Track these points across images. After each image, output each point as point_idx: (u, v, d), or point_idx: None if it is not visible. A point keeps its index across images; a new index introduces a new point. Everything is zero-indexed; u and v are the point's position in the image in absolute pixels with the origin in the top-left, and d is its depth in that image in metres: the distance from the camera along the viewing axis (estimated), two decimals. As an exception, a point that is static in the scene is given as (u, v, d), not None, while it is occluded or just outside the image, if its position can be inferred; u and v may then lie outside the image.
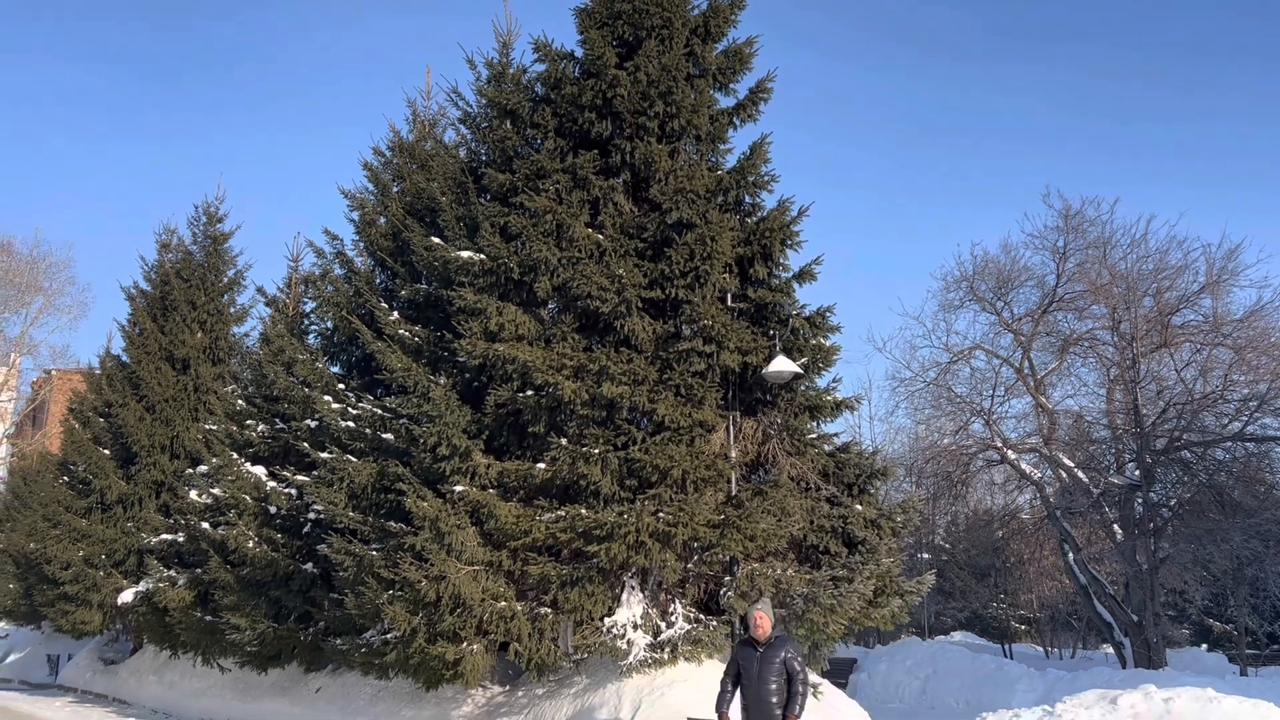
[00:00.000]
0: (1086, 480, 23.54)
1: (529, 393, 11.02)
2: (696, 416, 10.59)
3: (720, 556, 10.34)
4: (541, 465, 10.93)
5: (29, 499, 33.54)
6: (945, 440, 25.93)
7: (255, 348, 23.33)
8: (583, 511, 10.15)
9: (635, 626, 10.45)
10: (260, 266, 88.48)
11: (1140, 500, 22.25)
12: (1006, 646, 31.80)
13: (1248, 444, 21.28)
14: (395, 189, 17.08)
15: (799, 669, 7.51)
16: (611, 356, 10.72)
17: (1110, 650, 30.50)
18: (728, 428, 11.03)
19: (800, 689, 7.48)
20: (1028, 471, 24.79)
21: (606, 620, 10.48)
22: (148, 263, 25.11)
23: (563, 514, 10.39)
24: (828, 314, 11.20)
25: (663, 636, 10.41)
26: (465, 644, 10.19)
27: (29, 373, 49.92)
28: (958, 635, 36.45)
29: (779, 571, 10.39)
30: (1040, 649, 34.54)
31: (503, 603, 10.19)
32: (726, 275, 11.26)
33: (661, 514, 9.99)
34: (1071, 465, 23.87)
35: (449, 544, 10.33)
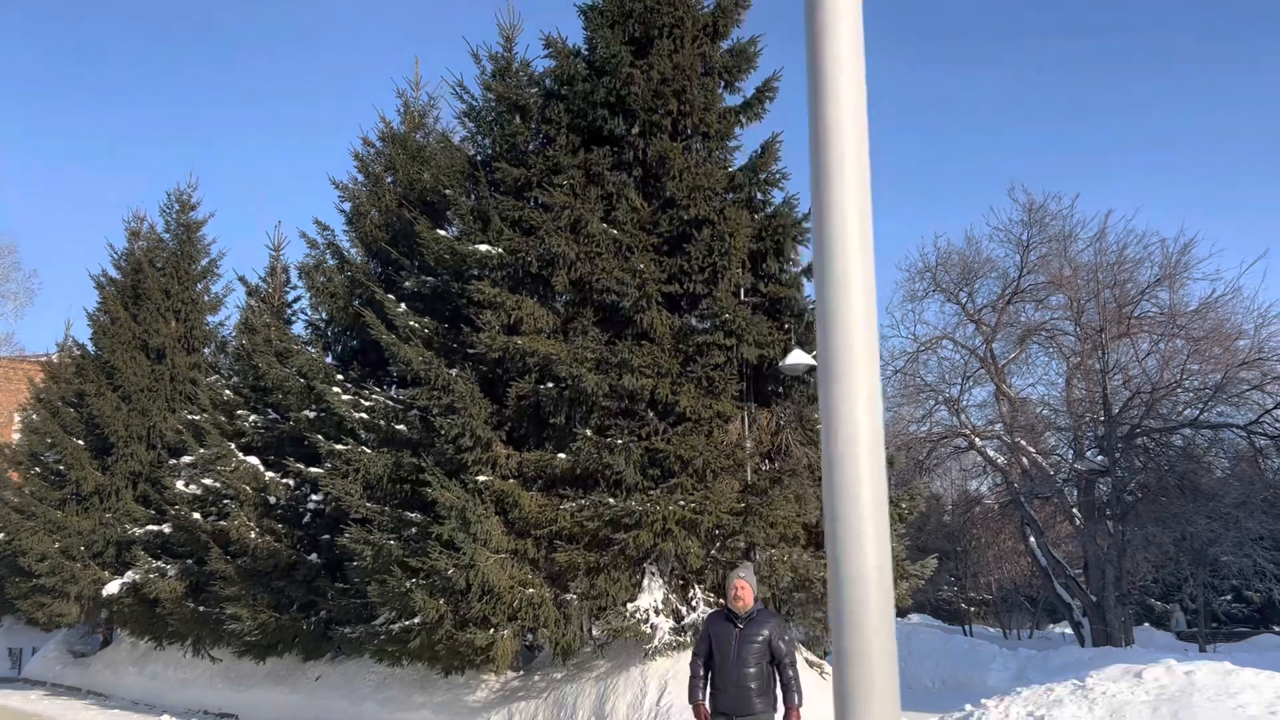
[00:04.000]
0: (1047, 466, 24.44)
1: (549, 385, 11.27)
2: (716, 408, 10.94)
3: (741, 543, 10.72)
4: (563, 455, 11.21)
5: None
6: (914, 428, 26.67)
7: (231, 337, 23.18)
8: (609, 500, 10.46)
9: (657, 611, 10.78)
10: (230, 255, 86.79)
11: (1104, 485, 23.16)
12: (967, 628, 32.78)
13: (1204, 430, 22.31)
14: (389, 180, 17.13)
15: (785, 650, 6.52)
16: (633, 349, 11.01)
17: (1066, 630, 31.65)
18: (743, 418, 11.40)
19: (793, 673, 6.50)
20: (992, 457, 25.65)
21: (629, 606, 10.80)
22: (116, 250, 24.71)
23: (586, 503, 10.69)
24: (840, 309, 11.60)
25: (685, 621, 10.77)
26: (495, 629, 10.44)
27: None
28: (915, 618, 37.45)
29: (795, 557, 10.81)
30: (995, 630, 35.64)
31: (531, 589, 10.47)
32: (740, 270, 11.61)
33: (686, 502, 10.33)
34: (1033, 451, 24.75)
35: (474, 533, 10.56)
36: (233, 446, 16.03)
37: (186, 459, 18.72)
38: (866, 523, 0.92)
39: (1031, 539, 25.01)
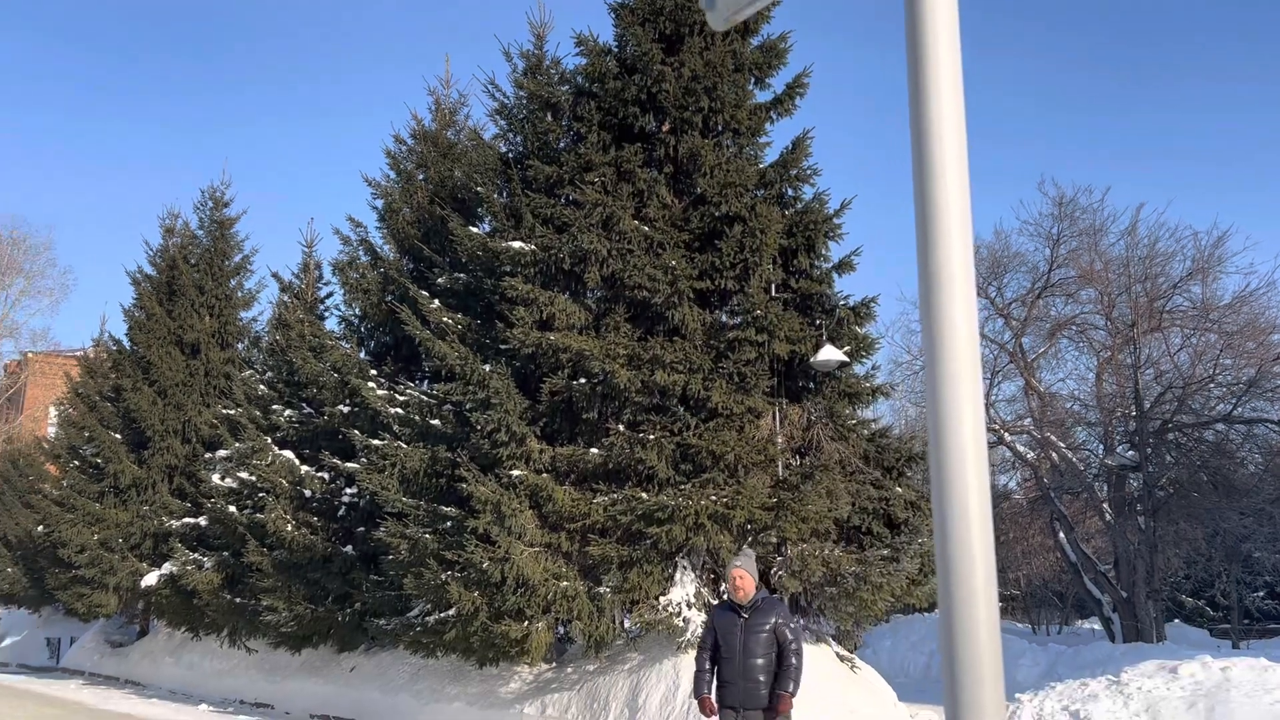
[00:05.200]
0: (1076, 461, 24.32)
1: (582, 380, 11.39)
2: (748, 403, 11.02)
3: (773, 538, 10.80)
4: (595, 450, 11.33)
5: (18, 482, 33.45)
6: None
7: (264, 332, 23.47)
8: (642, 495, 10.56)
9: (689, 605, 10.88)
10: (262, 251, 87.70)
11: (1135, 480, 23.04)
12: (995, 623, 32.66)
13: (1237, 426, 22.13)
14: (420, 177, 17.30)
15: (791, 638, 6.28)
16: (665, 346, 11.11)
17: (1095, 626, 31.48)
18: (774, 414, 11.47)
19: (794, 661, 6.24)
20: (1022, 452, 25.54)
21: (662, 599, 10.91)
22: (151, 247, 25.09)
23: (619, 497, 10.80)
24: (871, 304, 11.67)
25: (717, 614, 10.85)
26: (530, 622, 10.59)
27: (3, 356, 49.30)
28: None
29: (826, 551, 10.87)
30: (1024, 625, 35.50)
31: (565, 582, 10.60)
32: (771, 266, 11.68)
33: (719, 497, 10.42)
34: (1063, 446, 24.63)
35: (509, 526, 10.70)
36: (268, 441, 16.27)
37: (221, 453, 19.01)
38: (974, 531, 1.00)
39: (1061, 534, 24.90)
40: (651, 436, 10.87)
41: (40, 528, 23.59)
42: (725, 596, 6.60)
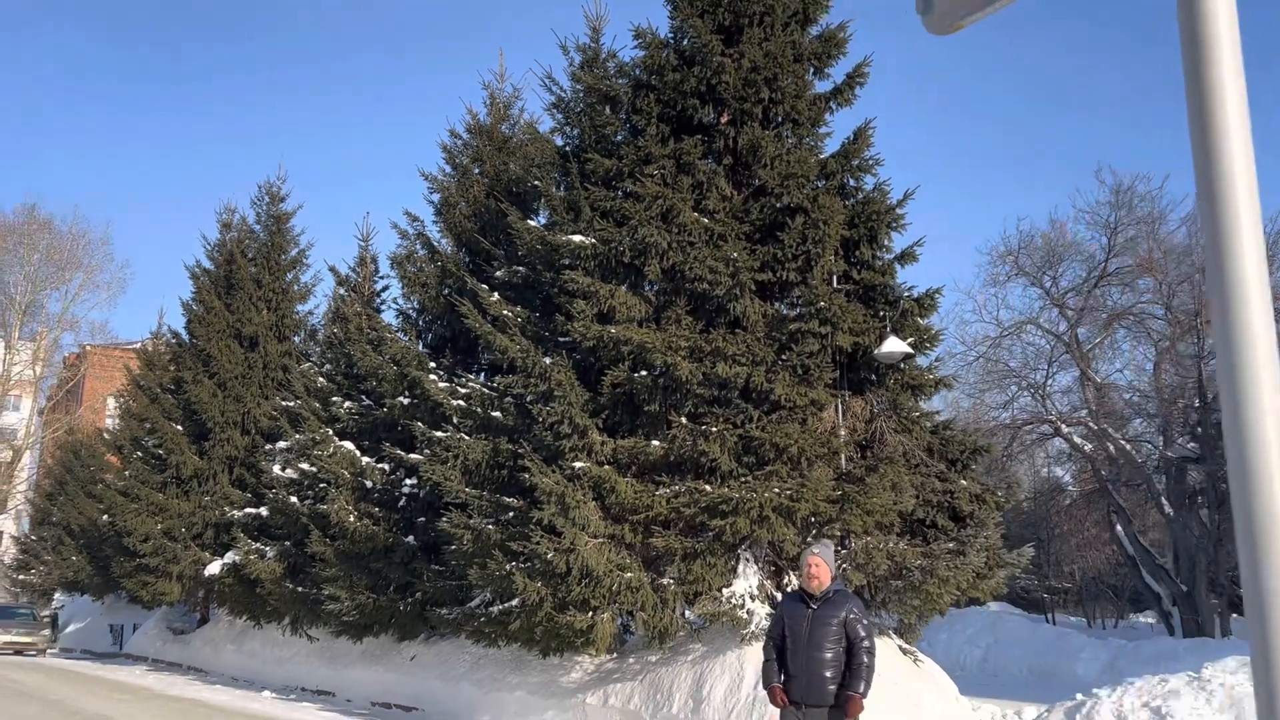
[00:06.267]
0: (1134, 452, 23.95)
1: (643, 373, 11.42)
2: (811, 395, 10.98)
3: (837, 531, 10.77)
4: (656, 443, 11.36)
5: (80, 473, 34.28)
6: (994, 413, 26.34)
7: (320, 325, 23.81)
8: (706, 488, 10.58)
9: (752, 597, 10.89)
10: (317, 245, 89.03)
11: (1197, 472, 22.65)
12: (1050, 616, 32.31)
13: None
14: (476, 171, 17.43)
15: (863, 634, 5.96)
16: (726, 338, 11.11)
17: (1151, 620, 31.00)
18: (837, 406, 11.43)
19: (865, 659, 5.92)
20: (1079, 444, 25.21)
21: (725, 591, 10.93)
22: (209, 241, 25.56)
23: (682, 489, 10.83)
24: (935, 295, 11.56)
25: (781, 606, 10.85)
26: (596, 612, 10.66)
27: (62, 349, 50.43)
28: (995, 606, 37.03)
29: (891, 544, 10.82)
30: (1078, 619, 35.06)
31: (629, 573, 10.65)
32: (833, 257, 11.62)
33: (782, 489, 10.41)
34: (1119, 438, 24.27)
35: (573, 518, 10.77)
36: (329, 432, 16.51)
37: (281, 444, 19.33)
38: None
39: (1119, 527, 24.56)
40: (714, 429, 10.88)
41: (105, 517, 24.16)
42: (798, 585, 6.26)
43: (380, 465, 15.87)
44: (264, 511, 19.16)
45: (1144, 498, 25.42)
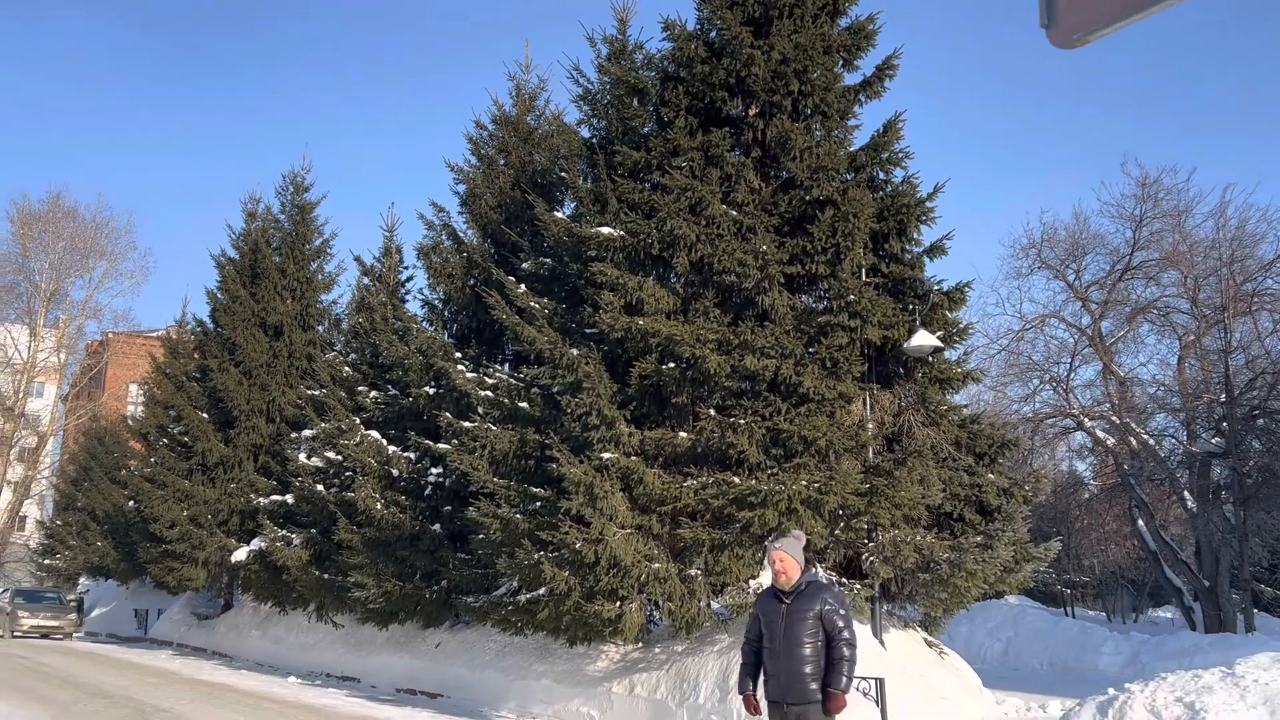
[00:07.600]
0: (1157, 446, 23.82)
1: (671, 365, 11.47)
2: (839, 389, 11.01)
3: (864, 524, 10.80)
4: (684, 434, 11.41)
5: (105, 459, 34.60)
6: (1017, 407, 26.24)
7: (344, 314, 23.94)
8: (735, 479, 10.62)
9: (779, 588, 10.93)
10: (341, 235, 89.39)
11: (1220, 467, 22.53)
12: (1069, 610, 32.24)
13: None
14: (501, 162, 17.48)
15: (841, 625, 5.67)
16: (755, 331, 11.14)
17: (1172, 614, 30.87)
18: (865, 399, 11.44)
19: (845, 652, 5.64)
20: (1101, 438, 25.09)
21: (752, 582, 10.99)
22: (234, 230, 25.72)
23: (710, 481, 10.88)
24: (965, 289, 11.56)
25: (808, 598, 10.89)
26: (624, 602, 10.73)
27: (85, 336, 50.83)
28: (1014, 600, 36.96)
29: (919, 538, 10.85)
30: (1098, 613, 34.96)
31: (657, 564, 10.72)
32: (862, 250, 11.61)
33: (811, 482, 10.44)
34: (1142, 432, 24.14)
35: (601, 508, 10.84)
36: (356, 421, 16.63)
37: (307, 432, 19.48)
38: None
39: (1140, 521, 24.45)
40: (742, 421, 10.92)
41: (131, 503, 24.42)
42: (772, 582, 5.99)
43: (406, 454, 15.99)
44: (289, 499, 19.33)
45: (1165, 492, 25.29)
